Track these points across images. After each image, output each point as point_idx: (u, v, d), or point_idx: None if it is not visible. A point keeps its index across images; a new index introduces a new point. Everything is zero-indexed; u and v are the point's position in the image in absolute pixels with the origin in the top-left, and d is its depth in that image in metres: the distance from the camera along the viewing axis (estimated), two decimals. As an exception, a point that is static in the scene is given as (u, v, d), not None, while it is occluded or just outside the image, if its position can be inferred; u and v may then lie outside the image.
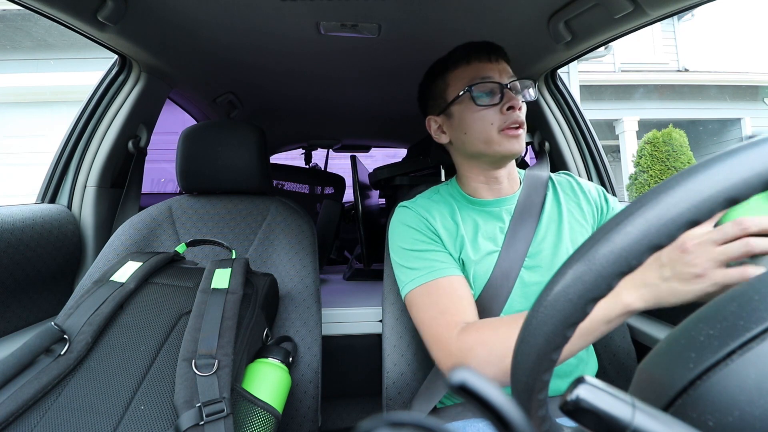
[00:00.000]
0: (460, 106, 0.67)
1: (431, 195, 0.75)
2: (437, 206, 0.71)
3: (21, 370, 0.52)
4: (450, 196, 0.74)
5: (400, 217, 0.71)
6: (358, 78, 1.37)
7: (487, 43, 0.68)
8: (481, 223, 0.69)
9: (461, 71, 0.67)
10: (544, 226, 0.68)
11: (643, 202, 0.20)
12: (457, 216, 0.69)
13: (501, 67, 0.67)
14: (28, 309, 0.87)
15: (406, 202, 0.73)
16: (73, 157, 1.04)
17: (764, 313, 0.21)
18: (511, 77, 0.66)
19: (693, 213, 0.19)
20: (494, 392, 0.17)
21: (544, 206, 0.69)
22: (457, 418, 0.64)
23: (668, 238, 0.19)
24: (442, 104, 0.70)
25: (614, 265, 0.20)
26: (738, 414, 0.19)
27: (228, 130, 0.95)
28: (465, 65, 0.67)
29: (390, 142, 2.50)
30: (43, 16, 0.79)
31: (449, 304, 0.58)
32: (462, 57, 0.67)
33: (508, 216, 0.69)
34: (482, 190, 0.71)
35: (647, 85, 7.43)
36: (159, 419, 0.51)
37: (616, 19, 0.83)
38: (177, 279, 0.71)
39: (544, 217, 0.68)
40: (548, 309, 0.21)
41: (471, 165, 0.71)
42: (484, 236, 0.67)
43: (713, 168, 0.20)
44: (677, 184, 0.20)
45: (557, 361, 0.22)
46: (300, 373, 0.77)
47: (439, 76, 0.71)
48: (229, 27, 0.99)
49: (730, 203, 0.19)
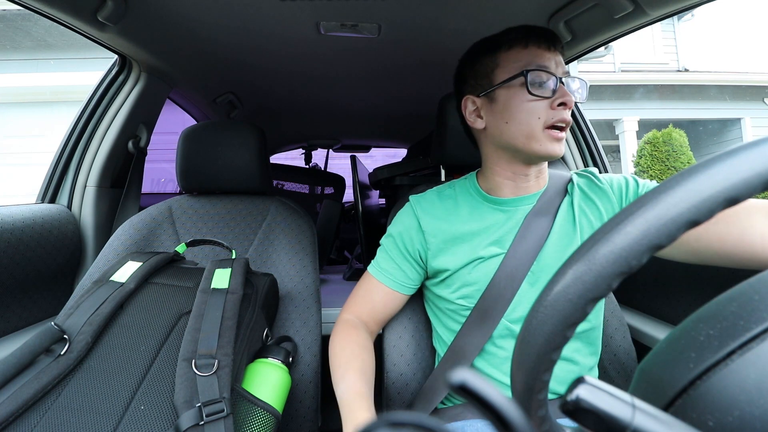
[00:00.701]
0: (508, 92, 0.61)
1: (444, 189, 0.74)
2: (442, 202, 0.71)
3: (21, 370, 0.52)
4: (465, 192, 0.71)
5: (404, 209, 0.74)
6: (358, 78, 1.37)
7: (547, 30, 0.62)
8: (494, 221, 0.66)
9: (516, 53, 0.61)
10: (558, 229, 0.64)
11: (643, 202, 0.20)
12: (463, 213, 0.68)
13: (558, 59, 0.61)
14: (28, 309, 0.87)
15: (414, 196, 0.74)
16: (73, 157, 1.04)
17: (764, 313, 0.21)
18: (566, 72, 0.62)
19: (693, 213, 0.19)
20: (494, 392, 0.17)
21: (559, 209, 0.65)
22: (457, 418, 0.64)
23: (668, 238, 0.19)
24: (486, 85, 0.63)
25: (614, 265, 0.20)
26: (738, 414, 0.19)
27: (228, 130, 0.95)
28: (521, 48, 0.61)
29: (390, 142, 2.50)
30: (43, 16, 0.79)
31: (363, 299, 0.72)
32: (519, 38, 0.61)
33: (524, 216, 0.65)
34: (504, 187, 0.67)
35: (647, 85, 7.43)
36: (159, 419, 0.51)
37: (616, 19, 0.83)
38: (177, 279, 0.71)
39: (558, 219, 0.65)
40: (548, 309, 0.21)
41: (501, 157, 0.66)
42: (492, 236, 0.65)
43: (713, 168, 0.20)
44: (677, 184, 0.20)
45: (557, 361, 0.22)
46: (300, 373, 0.77)
47: (488, 55, 0.63)
48: (229, 27, 0.99)
49: (731, 203, 0.19)
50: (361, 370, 0.60)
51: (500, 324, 0.63)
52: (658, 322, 0.87)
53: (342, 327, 0.68)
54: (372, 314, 0.71)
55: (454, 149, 0.84)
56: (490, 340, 0.64)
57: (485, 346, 0.64)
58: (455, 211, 0.69)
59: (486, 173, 0.69)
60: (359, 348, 0.64)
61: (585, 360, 0.65)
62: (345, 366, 0.61)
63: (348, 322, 0.69)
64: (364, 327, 0.69)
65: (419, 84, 1.42)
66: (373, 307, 0.71)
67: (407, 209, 0.73)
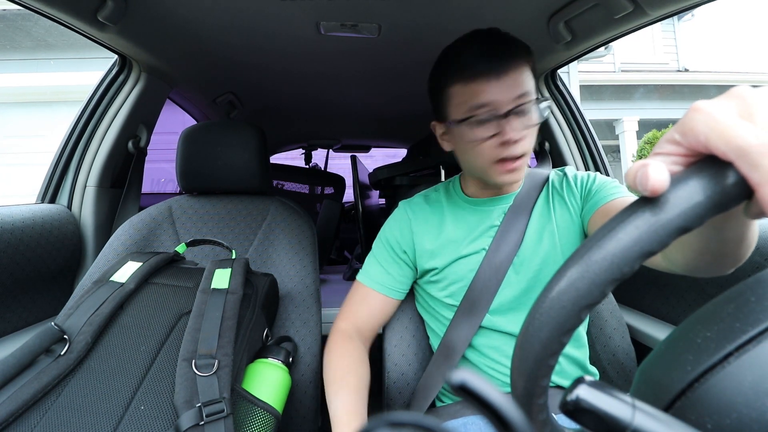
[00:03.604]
0: (459, 129, 0.62)
1: (429, 193, 0.78)
2: (430, 206, 0.74)
3: (21, 371, 0.52)
4: (448, 194, 0.75)
5: (395, 214, 0.77)
6: (358, 78, 1.37)
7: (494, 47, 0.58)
8: (474, 221, 0.70)
9: (461, 88, 0.59)
10: (534, 224, 0.67)
11: (634, 209, 0.21)
12: (447, 215, 0.72)
13: (509, 82, 0.57)
14: (28, 309, 0.87)
15: (404, 201, 0.78)
16: (73, 157, 1.04)
17: (760, 315, 0.21)
18: (520, 95, 0.58)
19: (683, 220, 0.19)
20: (494, 392, 0.17)
21: (535, 204, 0.69)
22: (455, 416, 0.65)
23: (659, 245, 0.20)
24: (443, 116, 0.66)
25: (607, 272, 0.20)
26: (736, 416, 0.19)
27: (228, 130, 0.95)
28: (464, 84, 0.59)
29: (390, 142, 2.50)
30: (43, 16, 0.79)
31: (357, 307, 0.72)
32: (463, 69, 0.59)
33: (503, 215, 0.69)
34: (481, 192, 0.72)
35: (647, 85, 7.43)
36: (159, 419, 0.51)
37: (616, 19, 0.83)
38: (177, 279, 0.71)
39: (535, 215, 0.68)
40: (543, 316, 0.21)
41: (468, 174, 0.72)
42: (475, 235, 0.68)
43: (702, 175, 0.20)
44: (668, 191, 0.20)
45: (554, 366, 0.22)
46: (300, 373, 0.77)
47: (441, 86, 0.64)
48: (229, 27, 0.99)
49: (720, 209, 0.19)
50: (355, 387, 0.61)
51: (486, 317, 0.66)
52: (658, 322, 0.87)
53: (337, 338, 0.69)
54: (366, 322, 0.72)
55: (453, 149, 0.84)
56: (479, 332, 0.67)
57: (473, 339, 0.67)
58: (441, 215, 0.72)
59: (467, 178, 0.74)
60: (355, 362, 0.65)
61: (574, 352, 0.68)
62: (339, 382, 0.62)
63: (343, 332, 0.70)
64: (360, 337, 0.70)
65: (419, 84, 1.41)
66: (368, 314, 0.72)
67: (398, 214, 0.76)
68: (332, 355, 0.66)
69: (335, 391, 0.61)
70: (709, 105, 0.21)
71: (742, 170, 0.19)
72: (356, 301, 0.73)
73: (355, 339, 0.69)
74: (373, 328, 0.73)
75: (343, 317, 0.72)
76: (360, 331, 0.71)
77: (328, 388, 0.62)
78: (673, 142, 0.22)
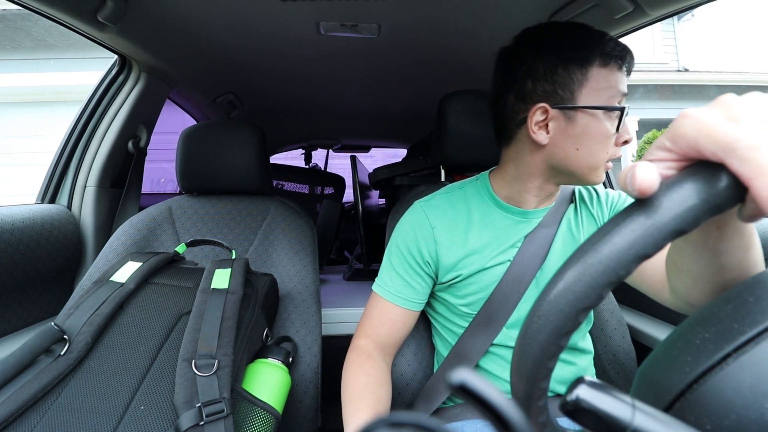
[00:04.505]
0: (591, 119, 0.53)
1: (452, 191, 0.70)
2: (453, 208, 0.67)
3: (21, 371, 0.52)
4: (476, 195, 0.68)
5: (409, 217, 0.69)
6: (358, 78, 1.37)
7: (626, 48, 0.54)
8: (503, 227, 0.65)
9: (607, 73, 0.53)
10: (561, 239, 0.64)
11: (629, 213, 0.21)
12: (474, 218, 0.66)
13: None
14: (28, 309, 0.87)
15: (421, 202, 0.70)
16: (73, 157, 1.04)
17: (758, 316, 0.21)
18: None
19: (677, 222, 0.20)
20: (494, 392, 0.17)
21: (563, 218, 0.65)
22: (457, 418, 0.64)
23: (654, 248, 0.20)
24: (567, 99, 0.54)
25: (603, 275, 0.20)
26: (734, 417, 0.19)
27: (228, 130, 0.95)
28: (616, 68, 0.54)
29: (390, 142, 2.50)
30: (43, 16, 0.79)
31: (377, 323, 0.67)
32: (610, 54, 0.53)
33: (531, 227, 0.65)
34: (522, 199, 0.64)
35: (647, 85, 7.42)
36: (159, 419, 0.51)
37: (616, 19, 0.83)
38: (177, 279, 0.71)
39: (562, 228, 0.65)
40: (542, 319, 0.21)
41: (544, 173, 0.61)
42: (501, 244, 0.64)
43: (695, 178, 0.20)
44: (662, 195, 0.20)
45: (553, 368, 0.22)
46: (300, 373, 0.77)
47: (579, 64, 0.54)
48: (229, 27, 0.99)
49: (714, 211, 0.20)
50: (374, 409, 0.57)
51: (503, 330, 0.64)
52: (658, 322, 0.87)
53: (356, 356, 0.65)
54: (389, 337, 0.67)
55: (453, 150, 0.84)
56: (495, 343, 0.64)
57: (490, 348, 0.65)
58: (467, 218, 0.66)
59: (508, 180, 0.64)
60: (374, 382, 0.61)
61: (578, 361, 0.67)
62: (357, 402, 0.58)
63: (362, 350, 0.65)
64: (381, 354, 0.66)
65: (419, 84, 1.42)
66: (389, 329, 0.67)
67: (417, 219, 0.68)
68: (349, 372, 0.63)
69: (353, 411, 0.57)
70: (697, 111, 0.22)
71: (733, 167, 0.19)
72: (376, 317, 0.68)
73: (376, 356, 0.65)
74: (396, 344, 0.69)
75: (363, 334, 0.67)
76: (383, 347, 0.67)
77: (345, 408, 0.59)
78: (664, 149, 0.23)
